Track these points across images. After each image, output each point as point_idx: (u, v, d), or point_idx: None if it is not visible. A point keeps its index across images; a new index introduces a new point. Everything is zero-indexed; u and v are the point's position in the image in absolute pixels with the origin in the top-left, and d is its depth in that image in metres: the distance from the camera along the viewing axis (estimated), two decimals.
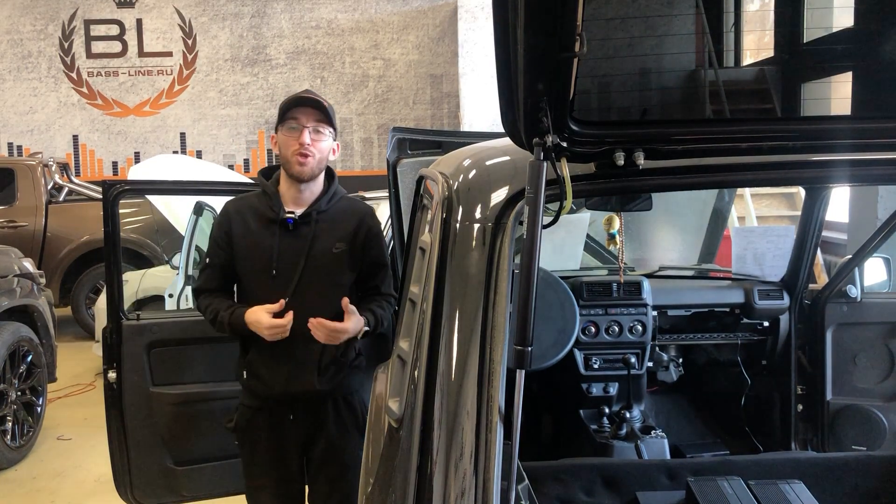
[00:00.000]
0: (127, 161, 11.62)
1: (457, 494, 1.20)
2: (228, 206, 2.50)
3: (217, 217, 2.53)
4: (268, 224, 2.40)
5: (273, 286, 2.37)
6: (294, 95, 2.39)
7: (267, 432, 2.47)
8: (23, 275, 4.85)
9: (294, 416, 2.45)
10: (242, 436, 2.51)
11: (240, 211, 2.46)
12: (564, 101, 1.21)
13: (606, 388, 2.99)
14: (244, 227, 2.43)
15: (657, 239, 4.14)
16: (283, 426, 2.46)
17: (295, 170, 2.36)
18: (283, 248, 2.38)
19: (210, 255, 2.49)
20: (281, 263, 2.37)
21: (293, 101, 2.36)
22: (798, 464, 2.30)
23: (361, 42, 11.71)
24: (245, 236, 2.42)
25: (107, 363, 2.97)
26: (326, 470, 2.50)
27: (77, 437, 4.99)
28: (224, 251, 2.44)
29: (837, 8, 1.45)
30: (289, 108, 2.35)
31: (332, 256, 2.40)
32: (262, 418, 2.47)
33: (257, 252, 2.40)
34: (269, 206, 2.41)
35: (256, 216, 2.43)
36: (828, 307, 3.04)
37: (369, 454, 1.73)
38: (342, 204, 2.48)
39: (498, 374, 1.26)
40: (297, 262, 2.38)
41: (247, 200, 2.49)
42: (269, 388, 2.42)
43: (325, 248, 2.40)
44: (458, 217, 1.46)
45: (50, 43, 11.52)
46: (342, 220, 2.45)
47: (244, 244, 2.42)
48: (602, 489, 2.24)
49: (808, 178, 1.99)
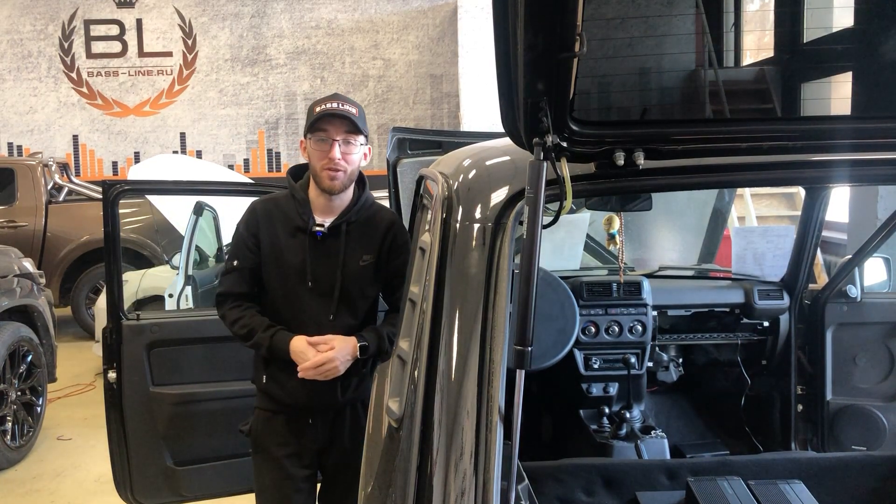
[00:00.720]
0: (127, 161, 11.63)
1: (457, 494, 1.20)
2: (256, 206, 2.40)
3: (245, 217, 2.40)
4: (295, 232, 2.33)
5: (311, 297, 2.32)
6: (325, 106, 2.27)
7: (283, 438, 2.40)
8: (23, 275, 4.85)
9: (313, 422, 2.41)
10: (258, 440, 2.44)
11: (268, 214, 2.36)
12: (564, 101, 1.21)
13: (606, 388, 2.99)
14: (272, 232, 2.34)
15: (657, 239, 4.15)
16: (300, 432, 2.41)
17: (325, 184, 2.28)
18: (314, 260, 2.32)
19: (238, 258, 2.36)
20: (315, 275, 2.31)
21: (322, 114, 2.26)
22: (798, 464, 2.29)
23: (361, 42, 11.72)
24: (273, 243, 2.34)
25: (107, 363, 2.97)
26: (343, 476, 2.47)
27: (77, 437, 4.99)
28: (253, 254, 2.35)
29: (837, 8, 1.45)
30: (318, 118, 2.26)
31: (360, 269, 2.35)
32: (280, 423, 2.40)
33: (287, 261, 2.32)
34: (299, 214, 2.33)
35: (284, 222, 2.35)
36: (828, 307, 3.04)
37: (369, 454, 1.73)
38: (371, 212, 2.40)
39: (498, 374, 1.25)
40: (333, 275, 2.32)
41: (275, 202, 2.40)
42: (291, 398, 2.36)
43: (355, 260, 2.35)
44: (458, 217, 1.45)
45: (50, 43, 11.52)
46: (370, 230, 2.38)
47: (272, 251, 2.34)
48: (602, 489, 2.24)
49: (808, 178, 1.99)
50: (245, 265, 2.36)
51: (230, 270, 2.38)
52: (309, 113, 2.32)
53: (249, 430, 2.45)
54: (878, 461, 2.31)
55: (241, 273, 2.36)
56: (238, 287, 2.37)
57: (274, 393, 2.39)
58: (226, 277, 2.39)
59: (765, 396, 3.17)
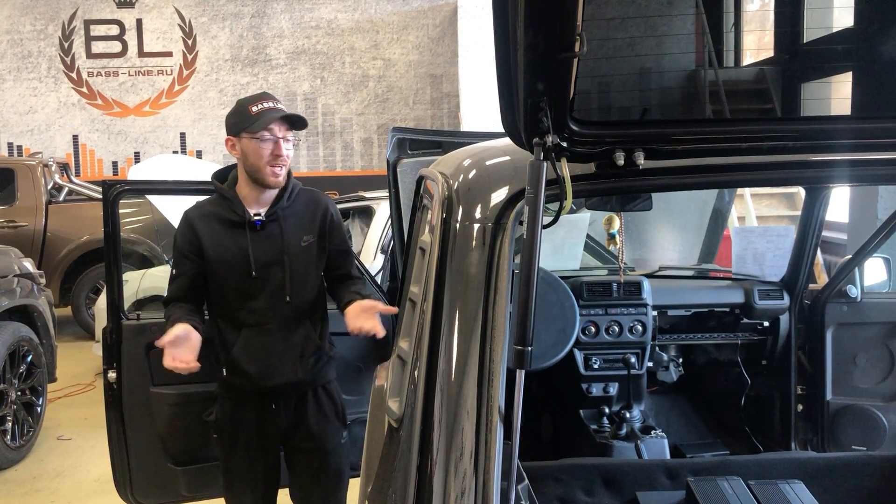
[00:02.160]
0: (127, 161, 11.63)
1: (457, 494, 1.20)
2: (189, 213, 2.50)
3: (180, 227, 2.51)
4: (233, 227, 2.43)
5: (255, 287, 2.42)
6: (263, 105, 2.36)
7: (249, 424, 2.50)
8: (23, 275, 4.85)
9: (276, 407, 2.50)
10: (222, 428, 2.54)
11: (203, 217, 2.46)
12: (564, 101, 1.21)
13: (606, 388, 2.99)
14: (212, 233, 2.44)
15: (657, 239, 4.14)
16: (264, 418, 2.50)
17: (269, 181, 2.39)
18: (256, 249, 2.41)
19: (177, 266, 2.49)
20: (258, 264, 2.41)
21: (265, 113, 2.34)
22: (798, 464, 2.29)
23: (361, 42, 11.72)
24: (215, 243, 2.43)
25: (107, 363, 2.97)
26: (309, 458, 2.56)
27: (77, 437, 4.99)
28: (192, 261, 2.45)
29: (837, 8, 1.45)
30: (260, 118, 2.34)
31: (302, 249, 2.47)
32: (244, 411, 2.50)
33: (231, 256, 2.42)
34: (232, 210, 2.43)
35: (220, 221, 2.44)
36: (828, 307, 3.04)
37: (369, 454, 1.73)
38: (302, 197, 2.52)
39: (498, 374, 1.25)
40: (280, 259, 2.42)
41: (205, 207, 2.50)
42: (253, 384, 2.45)
43: (296, 242, 2.46)
44: (458, 217, 1.45)
45: (50, 43, 11.53)
46: (305, 213, 2.50)
47: (216, 250, 2.43)
48: (602, 489, 2.24)
49: (808, 178, 1.99)
50: (186, 271, 2.46)
51: (173, 279, 2.50)
52: (240, 112, 2.39)
53: (216, 418, 2.55)
54: (878, 461, 2.31)
55: (182, 279, 2.47)
56: (178, 293, 2.47)
57: (237, 382, 2.48)
58: (170, 285, 2.51)
59: (765, 396, 3.17)
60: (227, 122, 2.44)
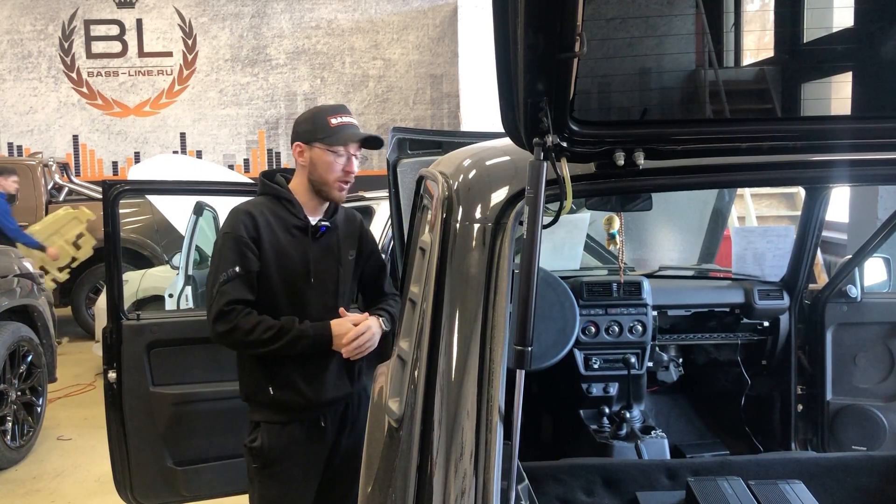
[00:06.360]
0: (127, 161, 11.63)
1: (457, 494, 1.20)
2: (251, 210, 2.33)
3: (240, 221, 2.29)
4: (294, 231, 2.35)
5: (313, 293, 2.35)
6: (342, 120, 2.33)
7: (300, 446, 2.37)
8: (23, 275, 4.85)
9: (325, 424, 2.41)
10: (268, 455, 2.35)
11: (264, 216, 2.33)
12: (564, 101, 1.21)
13: (606, 388, 2.99)
14: (272, 233, 2.31)
15: (657, 239, 4.14)
16: (315, 435, 2.40)
17: (335, 195, 2.36)
18: (315, 256, 2.36)
19: (240, 263, 2.24)
20: (317, 271, 2.36)
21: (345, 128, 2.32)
22: (798, 464, 2.29)
23: (361, 42, 11.72)
24: (274, 244, 2.31)
25: (107, 363, 2.97)
26: (345, 475, 2.47)
27: (77, 437, 5.00)
28: (256, 257, 2.28)
29: (837, 8, 1.44)
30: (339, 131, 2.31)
31: (349, 262, 2.46)
32: (292, 432, 2.36)
33: (289, 261, 2.32)
34: (293, 214, 2.36)
35: (280, 223, 2.34)
36: (828, 307, 3.04)
37: (369, 454, 1.73)
38: (342, 212, 2.50)
39: (498, 374, 1.25)
40: (333, 269, 2.40)
41: (264, 205, 2.36)
42: (306, 399, 2.34)
43: (346, 255, 2.44)
44: (458, 217, 1.45)
45: (50, 43, 11.53)
46: (348, 228, 2.48)
47: (275, 252, 2.31)
48: (602, 489, 2.24)
49: (808, 178, 1.99)
50: (251, 268, 2.27)
51: (233, 278, 2.23)
52: (318, 121, 2.33)
53: (261, 445, 2.35)
54: (878, 461, 2.31)
55: (246, 278, 2.26)
56: (246, 294, 2.25)
57: (289, 401, 2.34)
58: (230, 285, 2.23)
59: (765, 396, 3.17)
60: (298, 127, 2.36)
